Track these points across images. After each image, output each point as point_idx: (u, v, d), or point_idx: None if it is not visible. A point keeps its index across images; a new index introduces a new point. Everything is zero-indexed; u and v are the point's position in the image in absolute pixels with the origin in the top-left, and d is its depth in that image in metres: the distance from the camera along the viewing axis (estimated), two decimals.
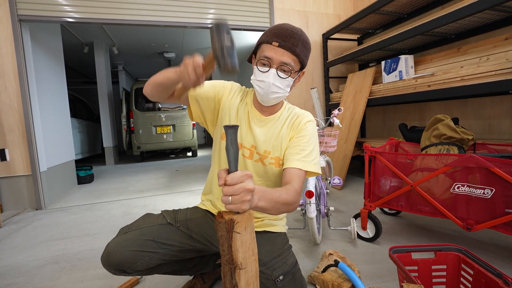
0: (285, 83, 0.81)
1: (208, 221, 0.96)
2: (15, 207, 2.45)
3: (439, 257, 1.00)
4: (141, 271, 0.85)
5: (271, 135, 0.89)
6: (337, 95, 3.25)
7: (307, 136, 0.87)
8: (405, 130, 2.22)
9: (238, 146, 0.56)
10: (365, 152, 1.48)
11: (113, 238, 0.85)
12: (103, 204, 2.49)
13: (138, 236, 0.85)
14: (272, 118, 0.91)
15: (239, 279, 0.51)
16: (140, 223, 0.90)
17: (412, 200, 1.37)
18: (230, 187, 0.51)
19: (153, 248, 0.84)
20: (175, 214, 0.96)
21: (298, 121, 0.90)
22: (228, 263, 0.52)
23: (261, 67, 0.80)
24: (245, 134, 0.90)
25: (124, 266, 0.81)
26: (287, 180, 0.79)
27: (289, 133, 0.89)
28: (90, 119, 5.74)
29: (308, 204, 1.29)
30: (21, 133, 2.41)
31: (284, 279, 0.78)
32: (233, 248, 0.51)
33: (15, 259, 1.51)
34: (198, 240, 0.92)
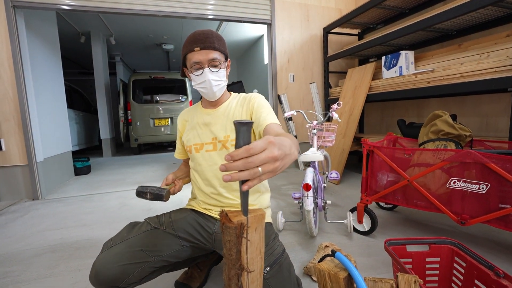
0: (220, 74, 0.94)
1: (193, 218, 0.97)
2: (11, 197, 2.44)
3: (433, 250, 1.02)
4: (135, 283, 0.82)
5: (225, 120, 0.97)
6: (336, 90, 3.25)
7: (261, 104, 0.96)
8: (403, 126, 2.23)
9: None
10: (363, 147, 1.49)
11: (98, 255, 0.81)
12: (100, 195, 2.49)
13: (125, 248, 0.82)
14: (222, 106, 1.01)
15: (245, 281, 0.49)
16: (125, 235, 0.87)
17: (408, 194, 1.39)
18: (257, 157, 0.42)
19: (142, 258, 0.82)
20: (159, 218, 0.96)
21: (248, 98, 0.99)
22: (236, 268, 0.48)
23: (196, 71, 0.91)
24: (203, 133, 0.99)
25: (116, 282, 0.78)
26: (274, 133, 0.84)
27: (243, 111, 0.97)
28: (87, 110, 5.69)
29: (305, 197, 1.29)
30: (17, 123, 2.39)
31: (271, 270, 0.78)
32: (242, 253, 0.47)
33: (12, 248, 1.51)
34: (185, 238, 0.92)
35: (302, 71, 3.40)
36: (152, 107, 5.17)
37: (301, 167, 3.23)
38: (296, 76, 3.37)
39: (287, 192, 2.38)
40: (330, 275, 0.58)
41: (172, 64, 8.00)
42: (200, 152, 0.98)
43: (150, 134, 5.12)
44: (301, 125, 3.33)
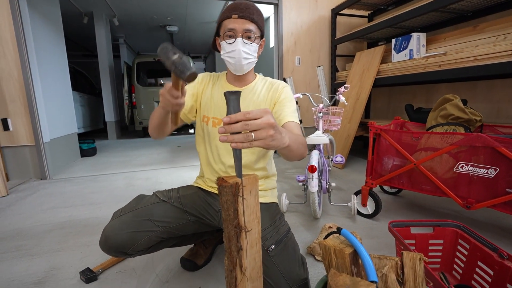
0: (252, 48, 0.88)
1: (200, 196, 0.98)
2: (20, 177, 2.50)
3: (437, 232, 1.02)
4: (142, 251, 0.86)
5: (248, 103, 0.94)
6: (343, 74, 3.17)
7: (287, 97, 0.94)
8: (410, 111, 2.19)
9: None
10: (370, 130, 1.46)
11: (108, 223, 0.85)
12: (106, 176, 2.53)
13: (133, 217, 0.85)
14: (247, 87, 0.96)
15: (244, 242, 0.52)
16: (134, 205, 0.90)
17: (414, 178, 1.38)
18: (253, 122, 0.45)
19: (149, 227, 0.85)
20: (168, 193, 0.98)
21: (276, 86, 0.96)
22: (234, 227, 0.52)
23: (228, 39, 0.86)
24: (224, 109, 0.94)
25: (124, 248, 0.82)
26: (291, 132, 0.83)
27: (267, 98, 0.94)
28: (92, 93, 5.68)
29: (310, 178, 1.29)
30: (23, 103, 2.40)
31: (276, 248, 0.79)
32: (239, 212, 0.51)
33: (24, 224, 1.56)
34: (192, 214, 0.94)
35: (309, 54, 3.32)
36: (157, 90, 5.14)
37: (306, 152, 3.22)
38: (302, 59, 3.30)
39: (291, 175, 2.39)
40: (336, 251, 0.59)
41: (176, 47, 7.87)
42: (217, 127, 0.95)
43: None
44: (306, 110, 3.29)
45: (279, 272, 0.76)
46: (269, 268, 0.76)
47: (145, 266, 1.12)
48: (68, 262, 1.16)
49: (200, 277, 1.04)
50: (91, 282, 1.02)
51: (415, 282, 0.59)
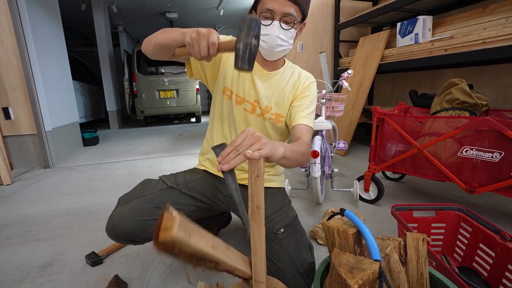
0: (289, 35, 0.81)
1: (208, 181, 0.96)
2: (24, 165, 2.51)
3: (439, 216, 1.02)
4: (150, 238, 0.84)
5: (273, 91, 0.90)
6: (347, 60, 3.11)
7: (311, 96, 0.90)
8: (415, 97, 2.15)
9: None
10: (373, 115, 1.44)
11: (115, 209, 0.82)
12: (109, 164, 2.54)
13: (142, 204, 0.82)
14: (275, 73, 0.91)
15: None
16: (141, 190, 0.87)
17: (417, 163, 1.37)
18: (243, 142, 0.51)
19: (159, 215, 0.83)
20: (174, 178, 0.95)
21: (304, 80, 0.91)
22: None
23: (264, 20, 0.78)
24: (248, 89, 0.90)
25: (133, 236, 0.80)
26: (298, 135, 0.82)
27: (293, 91, 0.91)
28: (92, 82, 5.64)
29: (312, 164, 1.29)
30: (23, 92, 2.38)
31: (285, 231, 0.80)
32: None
33: (29, 211, 1.58)
34: (200, 200, 0.93)
35: (312, 39, 3.25)
36: (157, 78, 5.09)
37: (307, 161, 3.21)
38: (305, 45, 3.23)
39: None
40: (339, 232, 0.59)
41: None
42: (238, 106, 0.90)
43: (156, 106, 5.10)
44: None
45: (288, 255, 0.77)
46: (278, 252, 0.76)
47: (149, 250, 1.13)
48: (74, 247, 1.18)
49: None
50: (96, 266, 1.04)
51: (418, 262, 0.60)
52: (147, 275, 0.98)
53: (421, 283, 0.59)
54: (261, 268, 0.58)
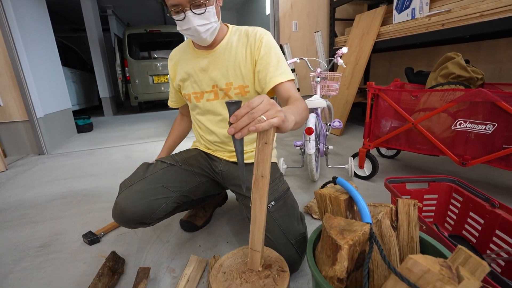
0: (207, 15, 0.76)
1: (203, 157, 1.00)
2: (18, 153, 2.49)
3: (432, 187, 1.03)
4: (159, 219, 0.84)
5: (225, 65, 0.86)
6: (342, 39, 3.05)
7: (269, 50, 0.83)
8: (410, 74, 2.13)
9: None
10: (368, 90, 1.43)
11: (119, 195, 0.80)
12: (104, 150, 2.53)
13: (146, 185, 0.81)
14: (219, 47, 0.87)
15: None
16: (141, 174, 0.86)
17: (411, 138, 1.37)
18: (259, 106, 0.47)
19: (165, 193, 0.83)
20: (172, 157, 0.97)
21: (253, 38, 0.84)
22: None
23: (176, 16, 0.76)
24: (202, 79, 0.89)
25: (143, 218, 0.79)
26: (285, 96, 0.80)
27: (247, 55, 0.85)
28: (84, 69, 5.50)
29: (307, 140, 1.28)
30: (10, 77, 2.32)
31: (276, 204, 0.81)
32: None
33: (25, 195, 1.58)
34: (201, 174, 0.95)
35: (306, 18, 3.16)
36: (150, 63, 4.97)
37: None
38: (299, 24, 3.15)
39: (289, 143, 2.39)
40: (331, 198, 0.59)
41: (168, 17, 7.49)
42: (201, 101, 0.92)
43: (150, 91, 5.01)
44: (303, 78, 3.21)
45: (278, 227, 0.77)
46: (269, 224, 0.77)
47: (146, 229, 1.14)
48: (71, 228, 1.19)
49: (199, 236, 1.07)
50: (94, 244, 1.05)
51: (409, 226, 0.60)
52: (144, 252, 0.99)
53: (412, 247, 0.60)
54: (259, 237, 0.58)
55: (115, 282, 0.82)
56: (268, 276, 0.58)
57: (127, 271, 0.89)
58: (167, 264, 0.92)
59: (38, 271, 0.93)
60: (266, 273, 0.59)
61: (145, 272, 0.82)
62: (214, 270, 0.61)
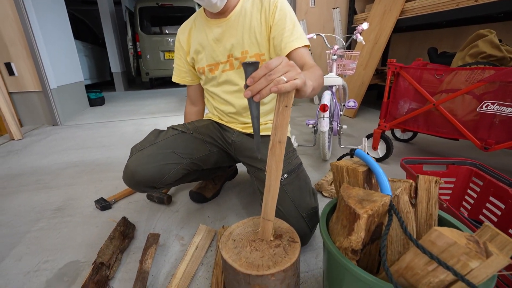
0: None
1: (215, 127, 0.98)
2: (33, 123, 2.54)
3: (450, 170, 0.99)
4: (169, 184, 0.84)
5: (241, 32, 0.82)
6: (362, 16, 2.88)
7: (285, 14, 0.79)
8: (434, 54, 2.01)
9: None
10: (388, 68, 1.35)
11: (130, 158, 0.80)
12: (115, 123, 2.55)
13: (157, 150, 0.82)
14: (233, 14, 0.83)
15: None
16: (152, 139, 0.86)
17: (431, 120, 1.31)
18: (278, 67, 0.43)
19: (176, 159, 0.83)
20: (184, 125, 0.96)
21: (266, 3, 0.81)
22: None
23: None
24: (217, 50, 0.86)
25: (153, 182, 0.79)
26: (300, 62, 0.76)
27: (262, 22, 0.81)
28: (95, 43, 5.46)
29: (321, 118, 1.24)
30: (24, 46, 2.31)
31: (288, 177, 0.79)
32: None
33: (40, 163, 1.62)
34: (211, 143, 0.94)
35: None
36: (162, 38, 4.87)
37: (316, 101, 3.12)
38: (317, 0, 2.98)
39: (301, 123, 2.34)
40: (348, 170, 0.56)
41: None
42: (216, 72, 0.89)
43: (161, 67, 4.95)
44: (319, 57, 3.09)
45: (290, 200, 0.76)
46: (280, 197, 0.76)
47: None
48: (84, 194, 1.22)
49: (208, 208, 1.08)
50: (105, 210, 1.08)
51: (428, 203, 0.58)
52: (154, 219, 1.01)
53: (430, 224, 0.57)
54: (272, 206, 0.57)
55: (126, 246, 0.84)
56: (278, 245, 0.57)
57: (137, 237, 0.91)
58: (176, 232, 0.93)
59: (54, 231, 0.96)
60: (277, 242, 0.58)
61: (155, 238, 0.83)
62: (223, 238, 0.60)
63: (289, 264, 0.52)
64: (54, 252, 0.85)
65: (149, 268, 0.73)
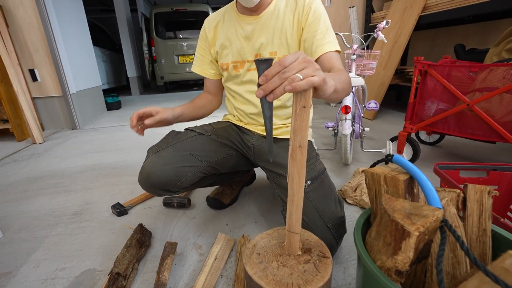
0: None
1: (234, 129, 0.94)
2: (53, 127, 2.61)
3: (491, 177, 0.90)
4: (185, 188, 0.81)
5: (272, 32, 0.79)
6: (380, 15, 2.78)
7: (318, 17, 0.75)
8: (461, 52, 1.90)
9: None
10: (415, 66, 1.27)
11: (146, 159, 0.78)
12: None
13: (174, 152, 0.79)
14: (265, 13, 0.79)
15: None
16: (170, 140, 0.84)
17: (463, 122, 1.21)
18: (293, 64, 0.39)
19: (193, 162, 0.80)
20: (201, 127, 0.93)
21: (301, 4, 0.77)
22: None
23: None
24: (245, 48, 0.81)
25: (169, 185, 0.77)
26: (327, 66, 0.71)
27: (294, 23, 0.77)
28: (113, 49, 5.62)
29: (343, 120, 1.18)
30: (46, 53, 2.38)
31: (312, 184, 0.74)
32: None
33: (59, 166, 1.64)
34: (230, 146, 0.90)
35: None
36: (176, 43, 4.94)
37: (332, 103, 3.03)
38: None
39: (318, 125, 2.27)
40: (387, 178, 0.50)
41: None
42: (241, 70, 0.85)
43: (175, 71, 5.02)
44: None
45: (314, 208, 0.71)
46: (304, 205, 0.70)
47: None
48: (101, 198, 1.21)
49: (226, 215, 1.03)
50: (122, 216, 1.06)
51: (480, 217, 0.51)
52: (171, 226, 0.97)
53: (483, 241, 0.50)
54: (297, 217, 0.52)
55: (142, 254, 0.81)
56: (308, 261, 0.52)
57: (154, 245, 0.88)
58: (194, 240, 0.89)
59: (71, 237, 0.94)
60: (306, 257, 0.53)
61: (173, 246, 0.79)
62: (247, 251, 0.55)
63: (321, 284, 0.46)
64: (71, 258, 0.84)
65: (167, 280, 0.69)
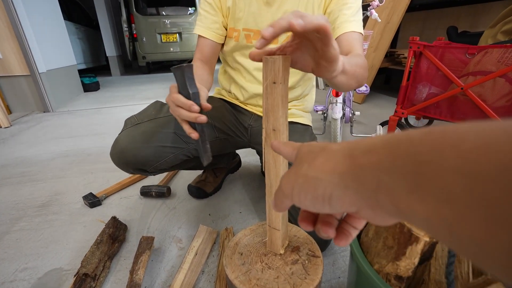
0: None
1: (228, 109, 0.82)
2: (22, 109, 2.40)
3: None
4: (163, 170, 0.72)
5: (296, 2, 0.67)
6: None
7: None
8: (454, 34, 1.85)
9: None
10: (410, 47, 1.21)
11: (122, 132, 0.67)
12: (110, 109, 2.41)
13: (156, 128, 0.67)
14: None
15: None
16: (153, 113, 0.71)
17: (456, 107, 1.18)
18: (295, 13, 0.29)
19: (176, 142, 0.69)
20: None
21: None
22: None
23: None
24: (264, 15, 0.68)
25: (145, 165, 0.67)
26: (346, 48, 0.60)
27: None
28: (89, 25, 5.21)
29: (333, 103, 1.11)
30: (6, 25, 2.14)
31: None
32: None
33: (27, 152, 1.50)
34: (221, 129, 0.79)
35: None
36: (158, 20, 4.62)
37: (321, 86, 2.96)
38: None
39: None
40: None
41: None
42: (254, 42, 0.71)
43: (158, 51, 4.73)
44: None
45: None
46: None
47: None
48: (72, 188, 1.11)
49: (209, 204, 0.97)
50: (95, 207, 0.97)
51: None
52: (149, 218, 0.90)
53: None
54: (277, 212, 0.45)
55: (116, 251, 0.74)
56: (296, 261, 0.46)
57: (130, 239, 0.81)
58: (173, 233, 0.83)
59: (36, 233, 0.85)
60: (294, 257, 0.47)
61: (149, 242, 0.72)
62: (228, 250, 0.49)
63: None
64: (34, 257, 0.75)
65: (141, 279, 0.63)
